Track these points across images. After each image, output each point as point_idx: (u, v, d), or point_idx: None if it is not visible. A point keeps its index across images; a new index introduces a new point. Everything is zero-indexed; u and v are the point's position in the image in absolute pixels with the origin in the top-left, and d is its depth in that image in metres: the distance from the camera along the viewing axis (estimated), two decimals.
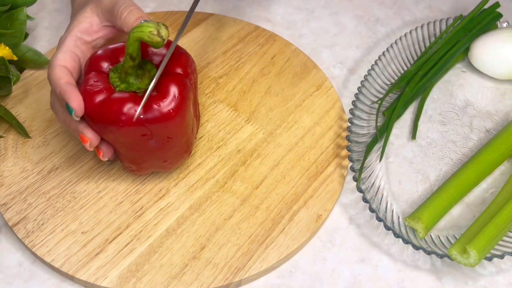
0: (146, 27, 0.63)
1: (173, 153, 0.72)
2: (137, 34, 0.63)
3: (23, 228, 0.71)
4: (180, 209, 0.73)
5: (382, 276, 0.71)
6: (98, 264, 0.68)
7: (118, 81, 0.68)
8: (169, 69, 0.69)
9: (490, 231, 0.68)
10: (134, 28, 0.64)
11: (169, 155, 0.72)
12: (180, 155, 0.73)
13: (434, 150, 0.82)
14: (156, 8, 0.99)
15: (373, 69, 0.87)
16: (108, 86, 0.67)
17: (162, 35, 0.63)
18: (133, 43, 0.65)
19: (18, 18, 0.85)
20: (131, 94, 0.67)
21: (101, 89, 0.66)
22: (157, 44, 0.64)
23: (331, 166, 0.79)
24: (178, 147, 0.71)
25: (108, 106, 0.65)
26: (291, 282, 0.70)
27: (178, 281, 0.68)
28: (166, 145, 0.70)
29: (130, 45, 0.65)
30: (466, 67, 0.92)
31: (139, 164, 0.72)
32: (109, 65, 0.69)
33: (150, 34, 0.63)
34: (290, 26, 0.97)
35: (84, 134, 0.68)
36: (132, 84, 0.67)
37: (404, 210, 0.75)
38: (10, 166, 0.76)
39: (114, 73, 0.68)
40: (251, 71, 0.89)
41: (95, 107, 0.65)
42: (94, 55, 0.70)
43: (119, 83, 0.67)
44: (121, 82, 0.67)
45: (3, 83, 0.83)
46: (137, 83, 0.67)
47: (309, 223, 0.73)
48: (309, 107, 0.85)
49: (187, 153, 0.74)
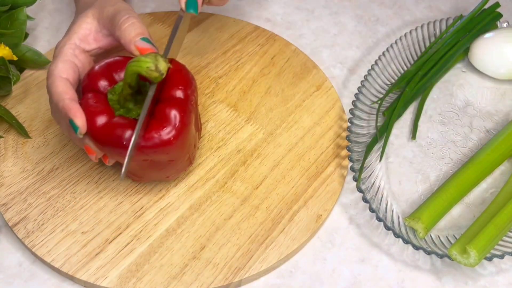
0: (144, 62, 0.63)
1: (175, 170, 0.73)
2: (134, 68, 0.63)
3: (23, 228, 0.71)
4: (180, 209, 0.74)
5: (382, 276, 0.71)
6: (98, 264, 0.68)
7: (117, 104, 0.67)
8: (168, 92, 0.68)
9: (490, 231, 0.68)
10: (132, 61, 0.63)
11: (171, 172, 0.73)
12: (182, 169, 0.74)
13: (434, 150, 0.82)
14: (156, 8, 0.99)
15: (373, 69, 0.87)
16: (108, 108, 0.67)
17: (160, 69, 0.63)
18: (131, 75, 0.64)
19: (18, 18, 0.85)
20: (130, 120, 0.66)
21: (101, 111, 0.66)
22: (155, 79, 0.63)
23: (331, 166, 0.79)
24: (180, 165, 0.72)
25: (110, 131, 0.65)
26: (291, 282, 0.70)
27: (178, 281, 0.68)
28: (168, 166, 0.70)
29: (127, 76, 0.65)
30: (466, 67, 0.92)
31: (141, 177, 0.73)
32: (107, 85, 0.68)
33: (148, 69, 0.62)
34: (290, 26, 0.97)
35: (90, 147, 0.68)
36: (131, 110, 0.67)
37: (404, 210, 0.75)
38: (10, 166, 0.76)
39: (113, 95, 0.68)
40: (251, 71, 0.89)
41: (97, 129, 0.65)
42: (91, 73, 0.69)
43: (118, 106, 0.67)
44: (120, 106, 0.67)
45: (3, 83, 0.83)
46: (136, 108, 0.68)
47: (309, 223, 0.73)
48: (309, 107, 0.85)
49: (189, 166, 0.74)
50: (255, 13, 0.99)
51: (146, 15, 0.96)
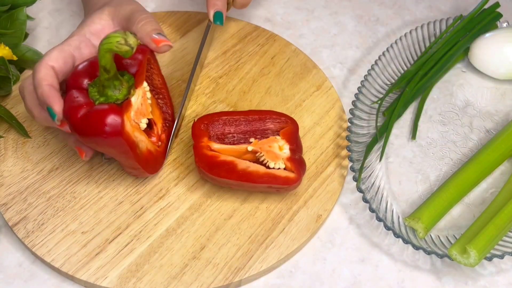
0: (113, 38, 0.64)
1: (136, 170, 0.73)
2: (106, 45, 0.64)
3: (23, 228, 0.71)
4: (180, 209, 0.74)
5: (382, 276, 0.71)
6: (98, 264, 0.69)
7: (97, 94, 0.68)
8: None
9: (490, 231, 0.68)
10: (103, 40, 0.65)
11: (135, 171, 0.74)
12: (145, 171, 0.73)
13: (434, 150, 0.82)
14: (156, 8, 0.99)
15: (373, 69, 0.87)
16: (88, 101, 0.68)
17: (130, 43, 0.64)
18: (104, 55, 0.65)
19: (18, 18, 0.85)
20: (110, 105, 0.67)
21: (81, 104, 0.67)
22: (126, 53, 0.64)
23: (331, 166, 0.79)
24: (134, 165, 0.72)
25: (90, 119, 0.66)
26: (291, 282, 0.70)
27: (178, 281, 0.68)
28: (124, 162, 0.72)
29: (101, 58, 0.65)
30: (466, 67, 0.92)
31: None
32: (88, 80, 0.69)
33: (118, 44, 0.63)
34: (290, 26, 0.97)
35: (80, 147, 0.71)
36: (111, 96, 0.68)
37: (404, 210, 0.75)
38: (10, 166, 0.76)
39: (93, 88, 0.69)
40: (251, 71, 0.89)
41: (78, 121, 0.66)
42: (74, 72, 0.70)
43: (98, 96, 0.68)
44: (100, 95, 0.68)
45: (3, 83, 0.83)
46: (115, 94, 0.68)
47: (309, 223, 0.73)
48: (309, 107, 0.85)
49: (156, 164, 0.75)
50: (255, 13, 0.99)
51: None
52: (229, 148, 0.74)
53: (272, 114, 0.77)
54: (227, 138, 0.76)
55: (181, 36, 0.93)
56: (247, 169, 0.72)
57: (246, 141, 0.75)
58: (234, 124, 0.76)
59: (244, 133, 0.76)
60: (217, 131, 0.76)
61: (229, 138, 0.76)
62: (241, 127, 0.76)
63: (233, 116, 0.76)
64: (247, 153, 0.74)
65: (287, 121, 0.76)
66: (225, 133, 0.76)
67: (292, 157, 0.73)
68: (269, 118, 0.77)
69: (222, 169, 0.72)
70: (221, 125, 0.76)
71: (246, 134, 0.76)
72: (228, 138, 0.76)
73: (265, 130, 0.76)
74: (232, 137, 0.76)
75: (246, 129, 0.76)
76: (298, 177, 0.72)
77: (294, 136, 0.75)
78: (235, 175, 0.71)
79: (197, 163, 0.73)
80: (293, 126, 0.76)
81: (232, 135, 0.76)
